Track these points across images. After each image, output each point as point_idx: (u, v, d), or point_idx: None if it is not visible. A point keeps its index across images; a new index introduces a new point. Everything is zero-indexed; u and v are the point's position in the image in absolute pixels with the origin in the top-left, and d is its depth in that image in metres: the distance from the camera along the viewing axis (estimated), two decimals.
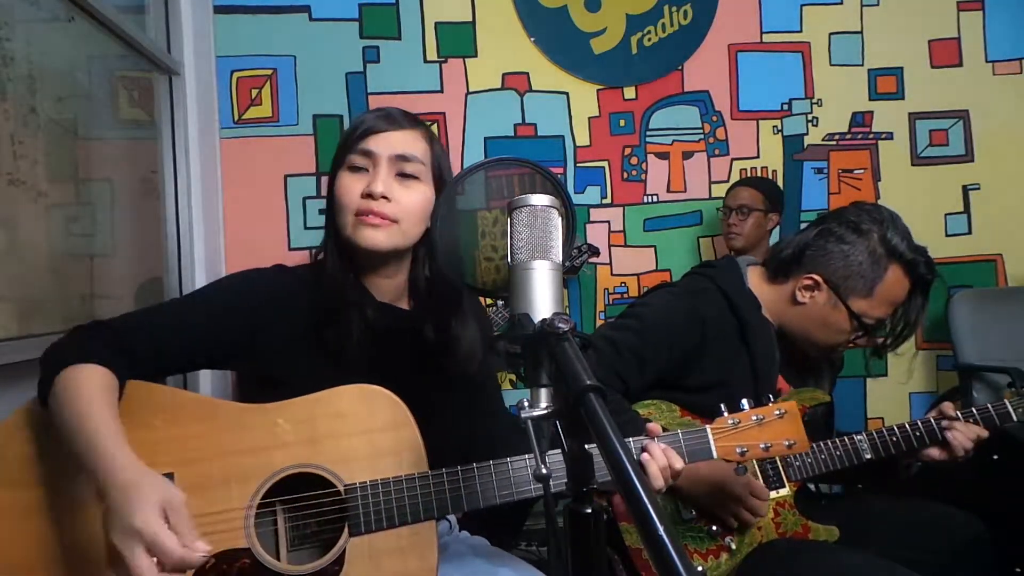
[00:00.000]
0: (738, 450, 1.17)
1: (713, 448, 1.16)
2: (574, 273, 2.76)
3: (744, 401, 1.19)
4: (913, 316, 1.48)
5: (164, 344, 1.08)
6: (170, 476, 1.05)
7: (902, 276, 1.46)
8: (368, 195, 1.12)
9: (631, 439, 1.12)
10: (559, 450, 0.75)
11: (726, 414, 1.19)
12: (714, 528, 1.40)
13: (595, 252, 2.72)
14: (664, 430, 1.16)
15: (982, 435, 1.45)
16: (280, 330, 1.13)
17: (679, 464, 1.08)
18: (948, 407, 1.48)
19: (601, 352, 1.42)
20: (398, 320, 1.21)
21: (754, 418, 1.18)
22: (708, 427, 1.18)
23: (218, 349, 1.13)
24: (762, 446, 1.17)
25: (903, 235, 1.46)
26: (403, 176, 1.15)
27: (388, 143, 1.15)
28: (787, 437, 1.18)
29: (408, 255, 1.22)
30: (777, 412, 1.19)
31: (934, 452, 1.47)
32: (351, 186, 1.14)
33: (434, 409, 1.15)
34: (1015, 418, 1.47)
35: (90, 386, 0.95)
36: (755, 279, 1.58)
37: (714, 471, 1.37)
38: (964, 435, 1.44)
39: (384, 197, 1.13)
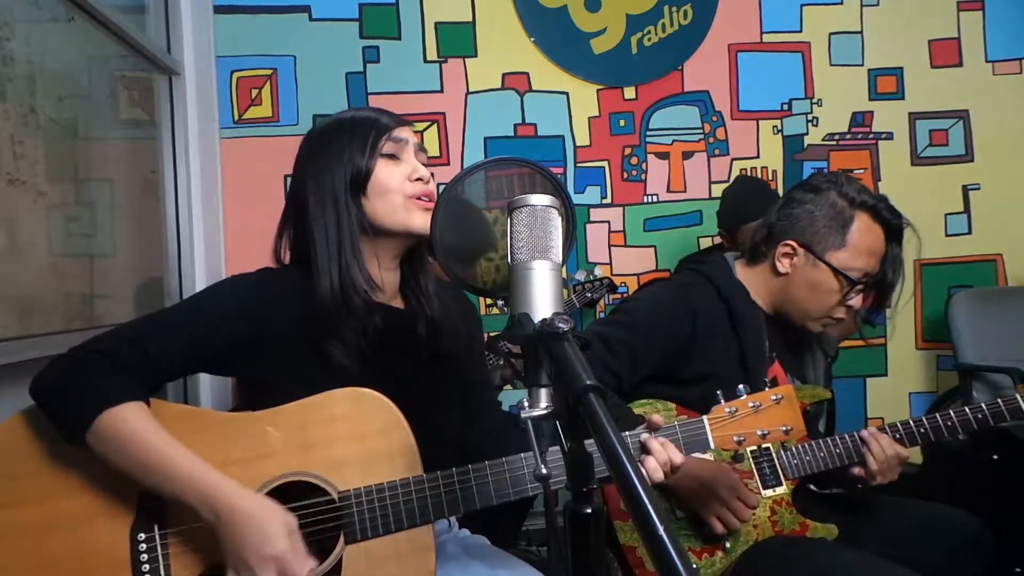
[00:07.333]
0: (735, 438, 1.15)
1: (710, 438, 1.15)
2: (592, 307, 2.72)
3: (741, 387, 1.18)
4: (892, 266, 1.49)
5: (165, 360, 1.06)
6: None
7: (870, 222, 1.47)
8: (419, 179, 1.15)
9: (627, 433, 1.10)
10: (557, 446, 0.75)
11: (723, 402, 1.17)
12: (705, 530, 1.39)
13: (613, 288, 2.68)
14: None
15: (902, 455, 1.44)
16: (272, 335, 1.11)
17: (679, 458, 1.07)
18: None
19: (592, 349, 1.41)
20: (395, 320, 1.19)
21: (751, 405, 1.17)
22: (705, 417, 1.16)
23: (214, 357, 1.11)
24: (759, 433, 1.16)
25: (859, 189, 1.49)
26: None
27: (409, 131, 1.19)
28: (784, 423, 1.16)
29: None
30: (774, 397, 1.17)
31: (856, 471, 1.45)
32: (392, 172, 1.15)
33: (429, 409, 1.14)
34: None
35: (148, 425, 0.99)
36: (741, 268, 1.60)
37: (700, 467, 1.36)
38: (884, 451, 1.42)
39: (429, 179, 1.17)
